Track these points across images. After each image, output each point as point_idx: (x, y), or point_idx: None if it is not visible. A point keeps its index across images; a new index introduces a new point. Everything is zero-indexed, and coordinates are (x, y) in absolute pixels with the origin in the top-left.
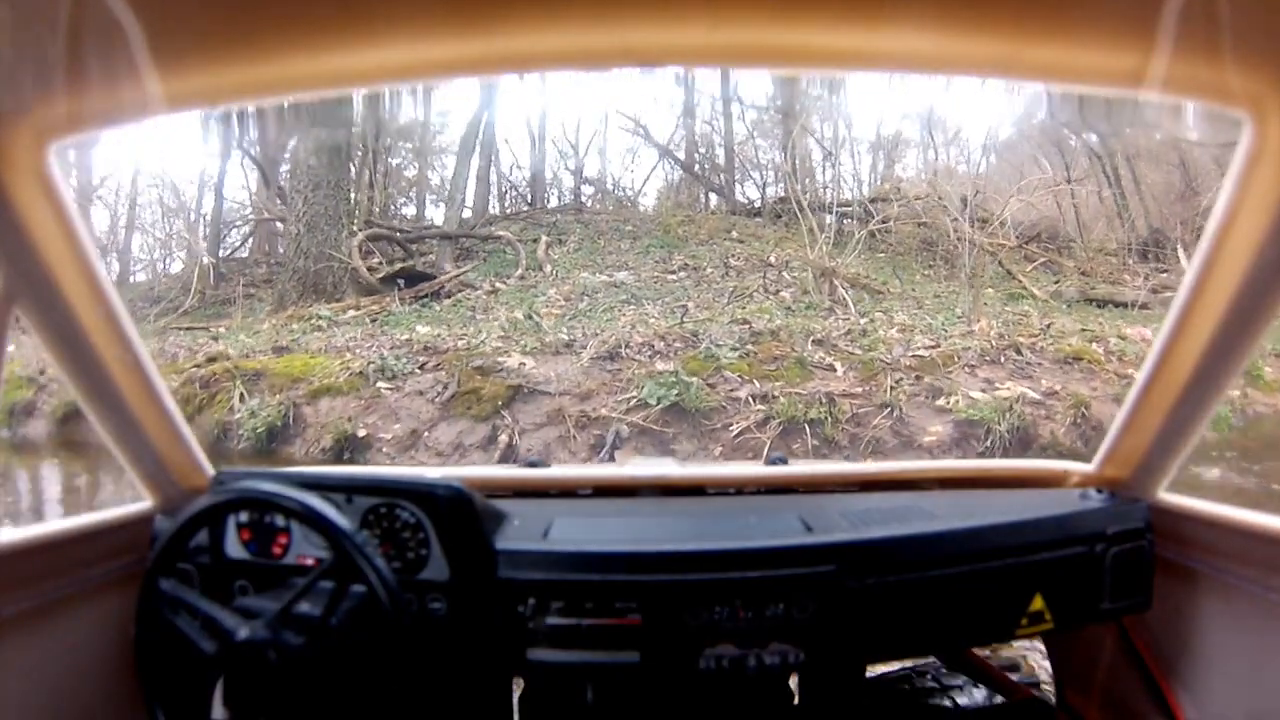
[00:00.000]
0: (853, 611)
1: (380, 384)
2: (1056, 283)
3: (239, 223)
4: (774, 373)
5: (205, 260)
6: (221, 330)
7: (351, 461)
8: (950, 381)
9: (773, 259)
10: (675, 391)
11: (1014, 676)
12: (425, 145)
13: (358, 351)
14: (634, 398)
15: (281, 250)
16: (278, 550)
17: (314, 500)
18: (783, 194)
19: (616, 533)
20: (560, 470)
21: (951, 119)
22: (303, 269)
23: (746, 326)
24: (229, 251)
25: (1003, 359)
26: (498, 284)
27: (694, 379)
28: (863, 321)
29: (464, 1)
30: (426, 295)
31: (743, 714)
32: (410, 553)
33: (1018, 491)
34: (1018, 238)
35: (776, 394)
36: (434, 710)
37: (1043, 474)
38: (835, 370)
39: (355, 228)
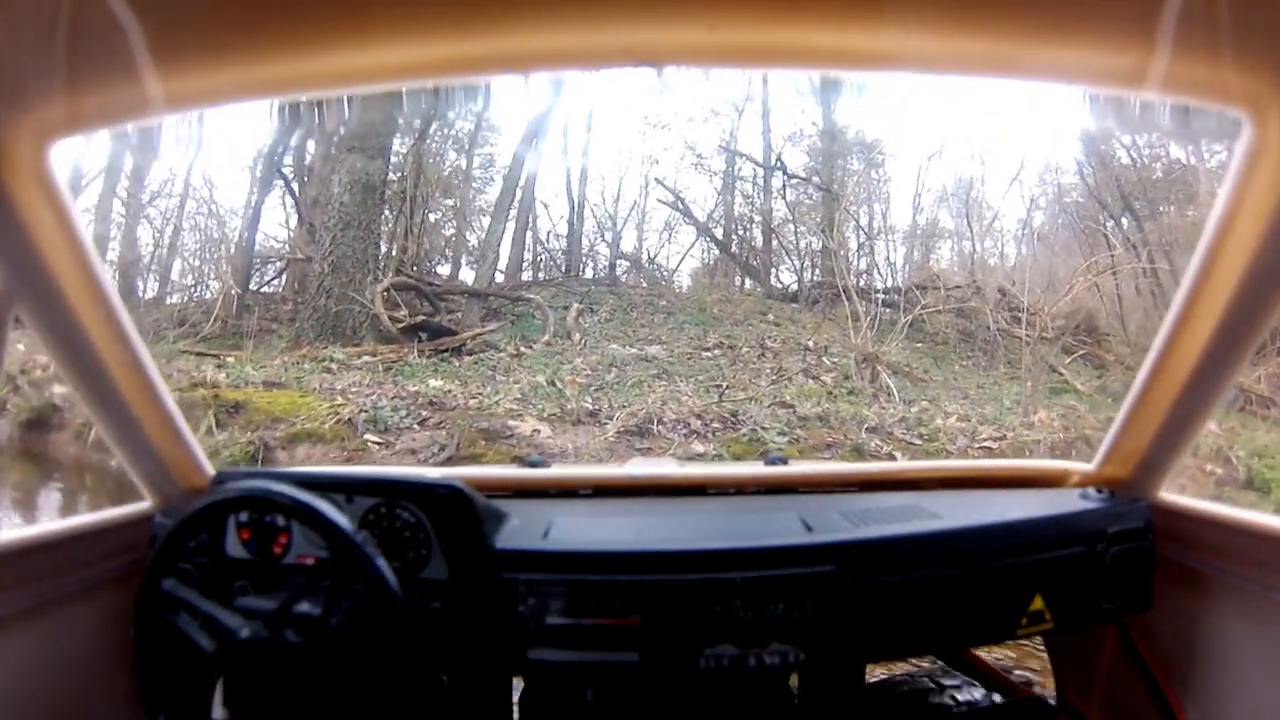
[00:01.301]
0: (853, 611)
1: (368, 436)
2: (1099, 376)
3: (273, 259)
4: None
5: (232, 290)
6: (230, 360)
7: None
8: None
9: (811, 343)
10: None
11: (1013, 676)
12: (466, 204)
13: (354, 397)
14: None
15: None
16: (278, 550)
17: (314, 500)
18: (819, 279)
19: (616, 533)
20: (560, 470)
21: (989, 202)
22: (323, 309)
23: (790, 410)
24: (260, 285)
25: (1073, 452)
26: (522, 347)
27: None
28: (913, 410)
29: (464, 1)
30: (447, 350)
31: (743, 714)
32: (410, 553)
33: (1018, 491)
34: (1056, 330)
35: None
36: (434, 710)
37: (1043, 474)
38: (897, 461)
39: (382, 274)
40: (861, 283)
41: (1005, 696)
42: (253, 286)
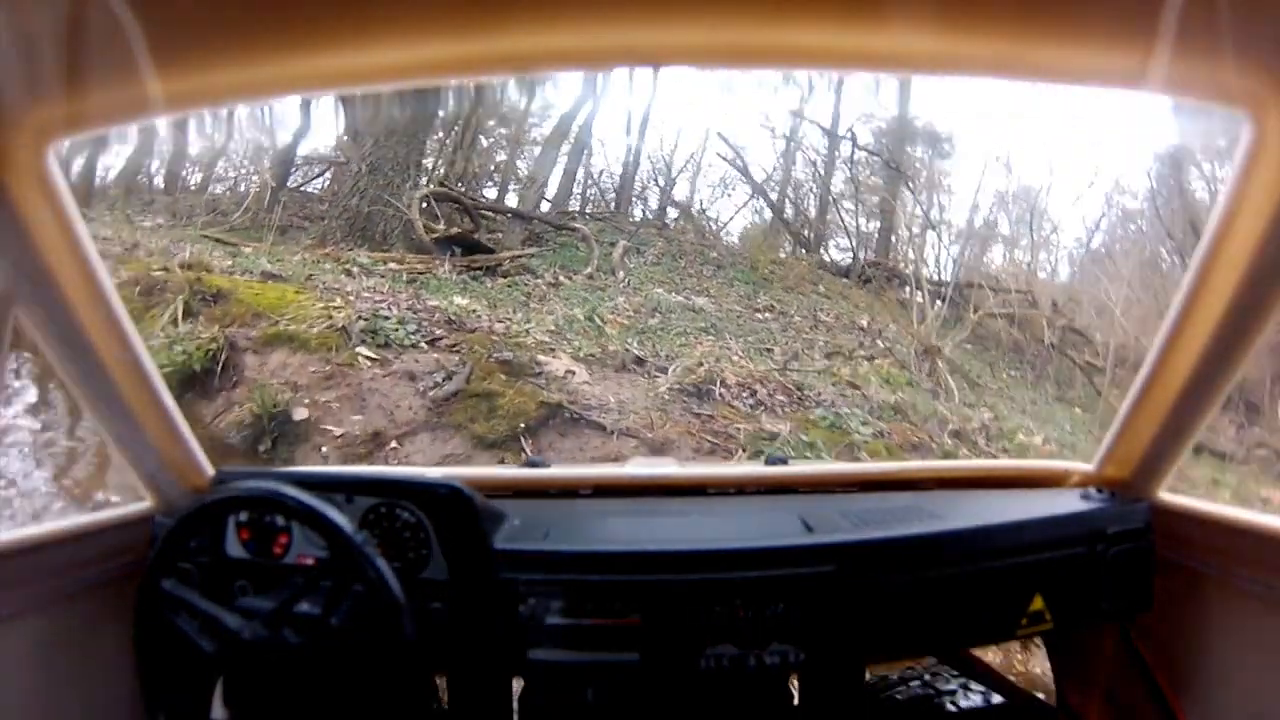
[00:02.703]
0: (853, 611)
1: (361, 349)
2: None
3: (316, 161)
4: None
5: (268, 183)
6: (247, 250)
7: (269, 453)
8: None
9: (865, 323)
10: None
11: (1013, 677)
12: (520, 135)
13: (355, 302)
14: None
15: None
16: (277, 550)
17: (314, 500)
18: (871, 258)
19: (616, 533)
20: (560, 470)
21: (1050, 213)
22: (354, 209)
23: (858, 392)
24: (299, 184)
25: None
26: (561, 277)
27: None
28: (981, 416)
29: (464, 1)
30: (480, 269)
31: (743, 714)
32: (410, 553)
33: (1018, 491)
34: (1113, 364)
35: None
36: (435, 710)
37: (1043, 474)
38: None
39: (422, 184)
40: (915, 270)
41: (1005, 697)
42: (291, 185)
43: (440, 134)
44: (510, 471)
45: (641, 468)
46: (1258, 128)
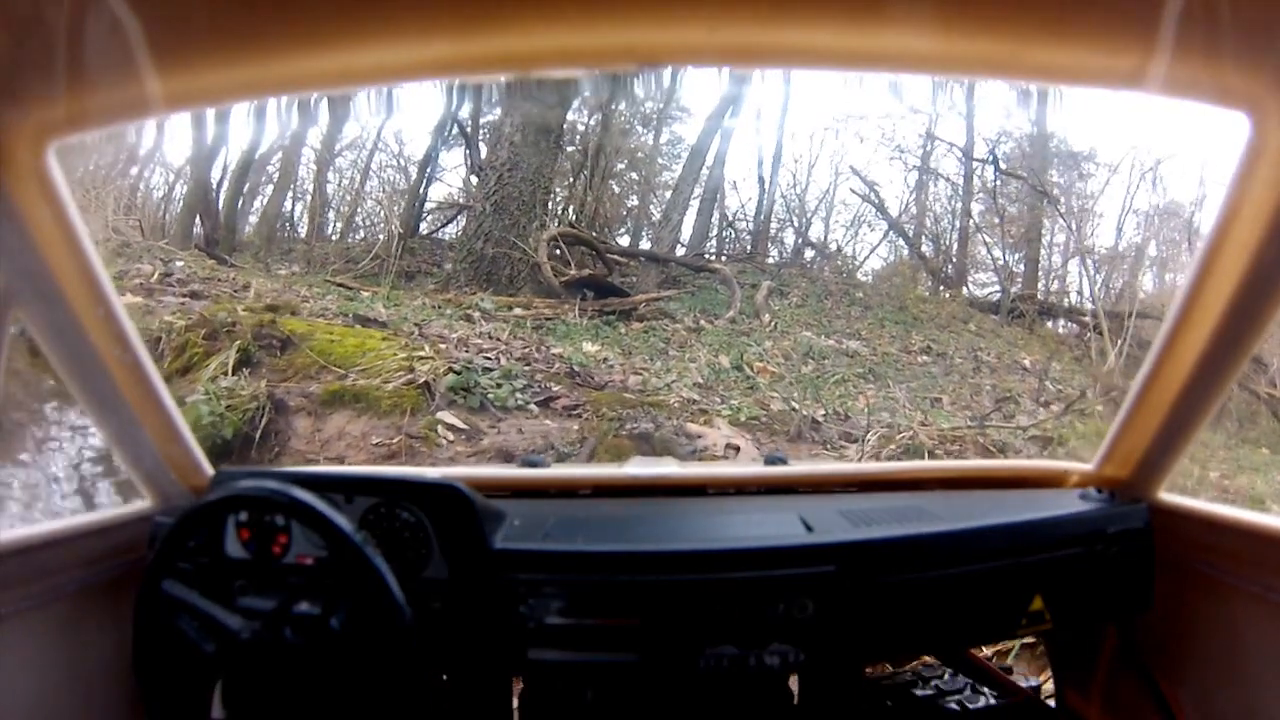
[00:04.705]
0: (853, 611)
1: (443, 415)
2: None
3: (445, 206)
4: None
5: (395, 230)
6: (365, 294)
7: None
8: None
9: (1028, 362)
10: None
11: (1013, 676)
12: (651, 177)
13: (453, 350)
14: None
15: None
16: (277, 550)
17: (314, 499)
18: (1019, 291)
19: (616, 533)
20: (560, 470)
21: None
22: (478, 252)
23: (1064, 449)
24: (430, 231)
25: None
26: (703, 321)
27: None
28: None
29: (464, 1)
30: (614, 313)
31: (743, 714)
32: (409, 552)
33: (1018, 492)
34: None
35: None
36: (434, 710)
37: (1043, 474)
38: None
39: (550, 224)
40: (1067, 302)
41: (1005, 696)
42: (423, 231)
43: (570, 177)
44: (510, 471)
45: (641, 468)
46: (1258, 128)
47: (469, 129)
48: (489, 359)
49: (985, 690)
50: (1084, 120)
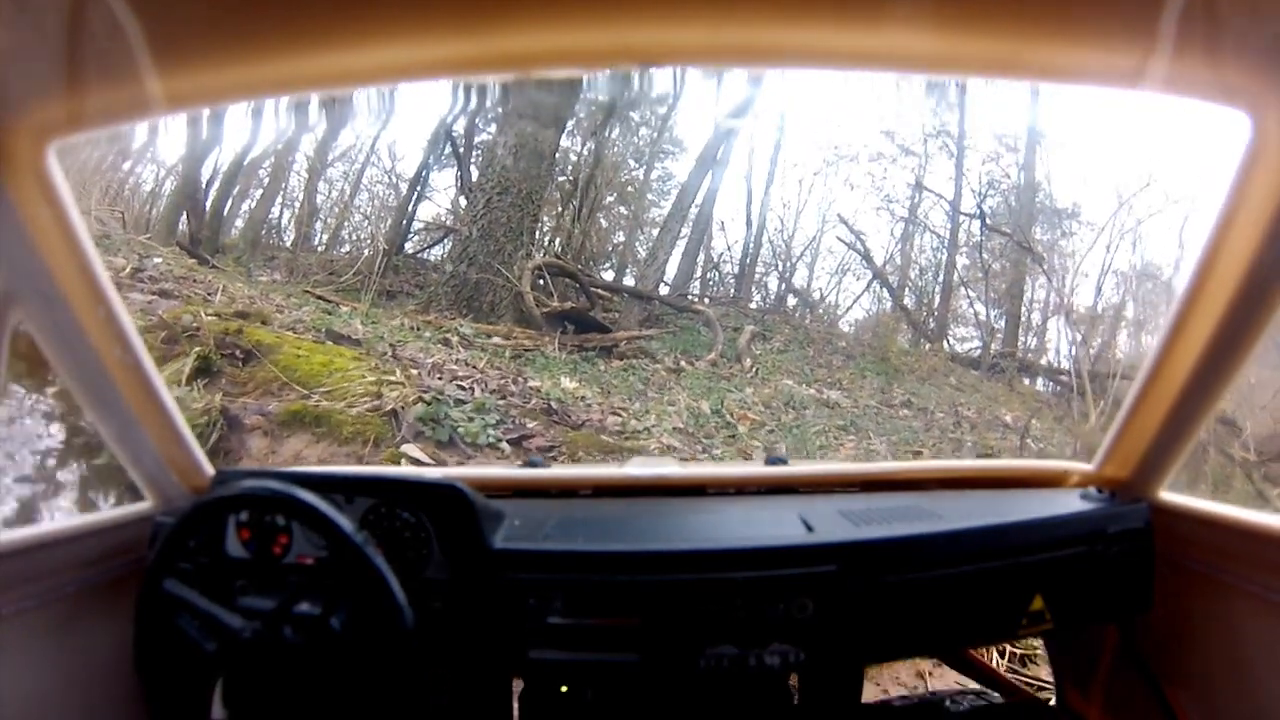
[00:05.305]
0: (853, 611)
1: (407, 447)
2: None
3: (432, 227)
4: None
5: (380, 246)
6: (344, 309)
7: None
8: None
9: (1009, 419)
10: None
11: (1013, 676)
12: (640, 213)
13: (430, 378)
14: None
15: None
16: (277, 550)
17: (315, 499)
18: (999, 348)
19: (616, 533)
20: (560, 470)
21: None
22: (462, 276)
23: None
24: (416, 250)
25: None
26: (683, 362)
27: None
28: None
29: (464, 1)
30: (593, 348)
31: (743, 714)
32: (410, 552)
33: (1018, 491)
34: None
35: None
36: (434, 710)
37: (1043, 474)
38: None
39: (536, 252)
40: (1046, 360)
41: (1005, 696)
42: (408, 250)
43: (559, 207)
44: (510, 471)
45: (641, 468)
46: (1258, 128)
47: (461, 148)
48: (463, 388)
49: (985, 690)
50: (1074, 176)
